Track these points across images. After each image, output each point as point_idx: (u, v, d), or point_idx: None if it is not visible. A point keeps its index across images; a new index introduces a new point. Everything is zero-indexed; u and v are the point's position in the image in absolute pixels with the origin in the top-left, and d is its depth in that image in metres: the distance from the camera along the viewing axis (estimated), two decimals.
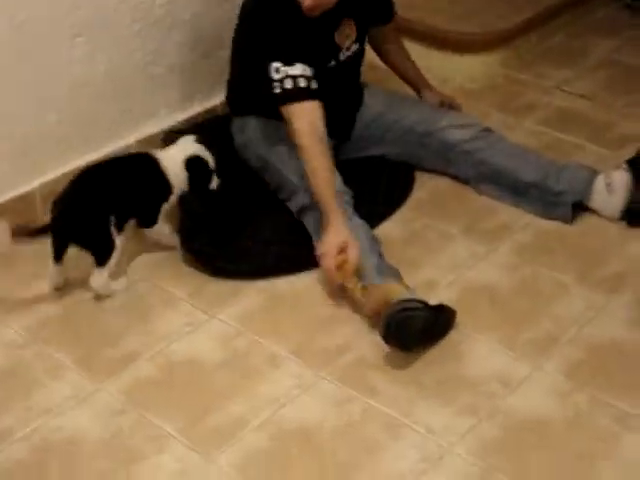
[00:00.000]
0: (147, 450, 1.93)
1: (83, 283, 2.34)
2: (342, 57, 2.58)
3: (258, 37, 2.43)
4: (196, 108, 2.96)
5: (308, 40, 2.41)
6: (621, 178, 2.52)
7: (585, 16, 3.74)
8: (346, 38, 2.56)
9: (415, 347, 2.13)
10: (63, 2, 2.48)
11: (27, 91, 2.50)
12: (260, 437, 1.96)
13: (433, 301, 2.21)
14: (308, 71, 2.36)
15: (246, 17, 2.50)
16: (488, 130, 2.71)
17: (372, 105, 2.75)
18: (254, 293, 2.37)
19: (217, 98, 2.95)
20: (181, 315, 2.31)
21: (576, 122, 3.09)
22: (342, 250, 2.25)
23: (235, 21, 2.57)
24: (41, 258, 2.31)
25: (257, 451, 1.93)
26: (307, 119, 2.35)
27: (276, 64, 2.36)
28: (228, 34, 2.64)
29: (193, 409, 2.03)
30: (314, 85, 2.37)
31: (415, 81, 2.88)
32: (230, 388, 2.09)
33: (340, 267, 2.25)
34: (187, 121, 2.91)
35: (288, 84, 2.35)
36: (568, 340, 2.20)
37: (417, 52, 3.28)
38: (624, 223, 2.55)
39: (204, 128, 2.82)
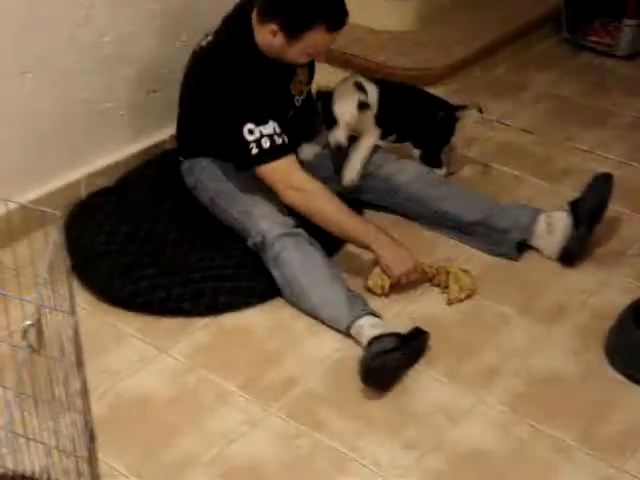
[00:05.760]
0: None
1: None
2: (297, 104, 2.64)
3: (226, 99, 2.43)
4: (145, 142, 2.98)
5: (272, 96, 2.46)
6: (561, 220, 2.59)
7: (526, 49, 3.84)
8: (300, 85, 2.62)
9: (394, 383, 2.20)
10: (13, 38, 2.50)
11: None
12: (209, 473, 1.99)
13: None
14: (277, 127, 2.41)
15: (209, 75, 2.48)
16: (428, 171, 2.79)
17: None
18: (203, 328, 2.40)
19: (165, 132, 2.98)
20: (131, 351, 2.32)
21: (517, 155, 3.17)
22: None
23: (184, 58, 2.61)
24: None
25: None
26: (295, 170, 2.44)
27: (250, 125, 2.38)
28: (176, 70, 2.69)
29: (143, 446, 2.05)
30: (286, 139, 2.42)
31: None
32: (180, 424, 2.11)
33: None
34: (136, 155, 2.94)
35: (265, 144, 2.39)
36: (510, 372, 2.26)
37: None
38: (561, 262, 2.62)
39: (155, 165, 2.89)
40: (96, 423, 2.06)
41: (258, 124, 2.39)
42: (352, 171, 2.71)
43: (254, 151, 2.40)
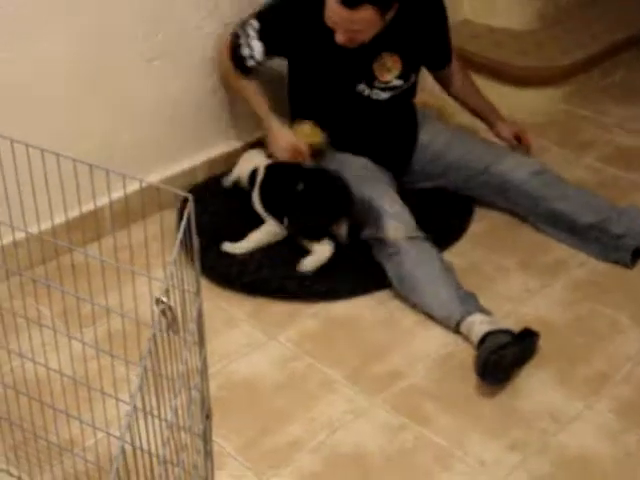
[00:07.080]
0: None
1: None
2: (377, 86, 2.64)
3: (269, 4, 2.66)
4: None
5: (324, 49, 2.56)
6: None
7: None
8: (387, 71, 2.64)
9: (508, 380, 2.20)
10: (142, 26, 2.58)
11: (104, 110, 2.60)
12: (314, 460, 2.02)
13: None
14: (259, 54, 2.62)
15: None
16: (545, 170, 2.73)
17: (432, 144, 2.78)
18: (311, 316, 2.43)
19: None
20: (240, 335, 2.37)
21: (636, 161, 3.10)
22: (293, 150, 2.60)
23: None
24: None
25: (311, 474, 1.98)
26: (227, 58, 2.69)
27: (256, 23, 2.61)
28: None
29: (251, 429, 2.09)
30: (250, 63, 2.64)
31: (486, 116, 2.94)
32: (286, 410, 2.15)
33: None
34: (255, 143, 2.98)
35: (242, 42, 2.62)
36: (621, 379, 2.22)
37: (479, 84, 3.34)
38: None
39: None
40: None
41: (257, 32, 2.60)
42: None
43: (234, 38, 2.65)
